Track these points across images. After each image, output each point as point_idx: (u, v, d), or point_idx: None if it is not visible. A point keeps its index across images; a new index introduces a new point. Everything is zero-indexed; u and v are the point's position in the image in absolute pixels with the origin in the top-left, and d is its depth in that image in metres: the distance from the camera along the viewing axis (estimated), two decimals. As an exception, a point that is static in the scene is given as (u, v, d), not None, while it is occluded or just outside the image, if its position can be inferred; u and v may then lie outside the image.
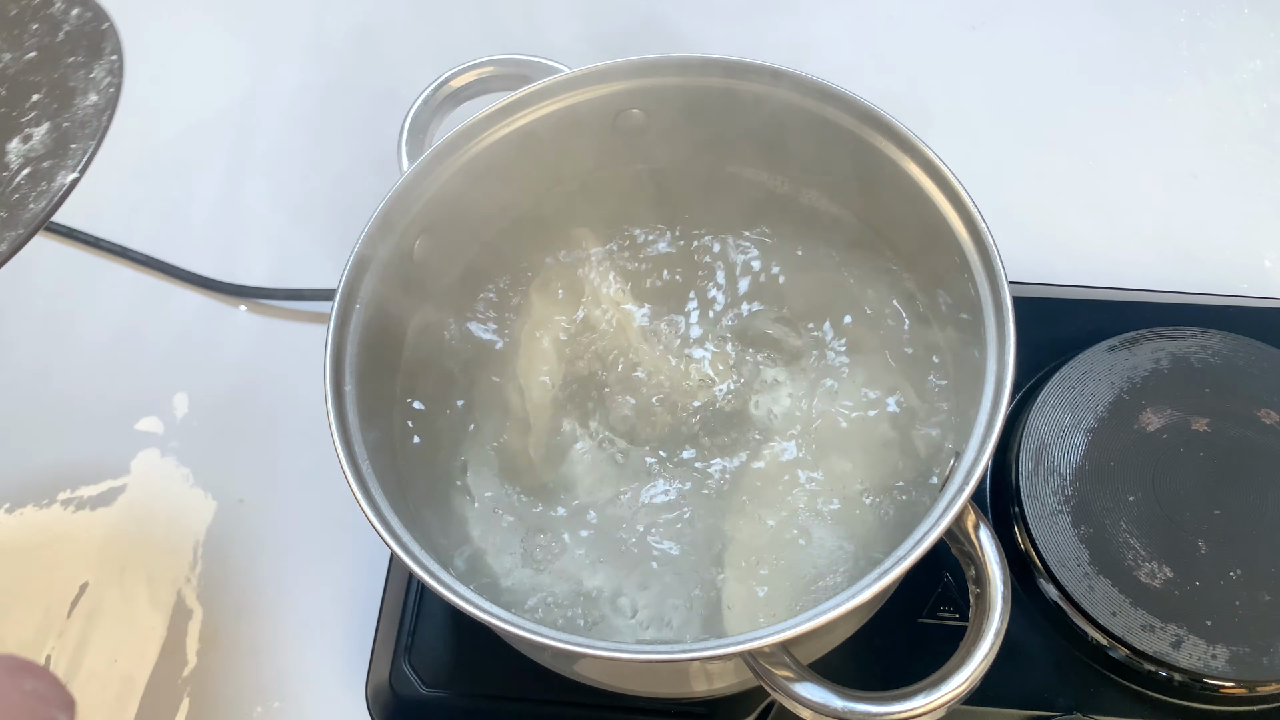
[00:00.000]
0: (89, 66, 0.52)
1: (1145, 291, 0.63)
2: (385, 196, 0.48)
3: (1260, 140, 0.73)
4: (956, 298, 0.47)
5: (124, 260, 0.73)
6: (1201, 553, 0.51)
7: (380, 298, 0.48)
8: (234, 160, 0.78)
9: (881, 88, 0.51)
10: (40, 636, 0.61)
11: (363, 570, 0.60)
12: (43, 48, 0.52)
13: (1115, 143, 0.73)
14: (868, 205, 0.53)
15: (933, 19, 0.80)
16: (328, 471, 0.43)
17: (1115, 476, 0.53)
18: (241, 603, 0.61)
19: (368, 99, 0.80)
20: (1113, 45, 0.78)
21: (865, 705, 0.37)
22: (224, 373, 0.69)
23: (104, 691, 0.59)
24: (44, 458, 0.66)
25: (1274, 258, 0.68)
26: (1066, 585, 0.50)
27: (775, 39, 0.80)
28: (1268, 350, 0.56)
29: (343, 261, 0.46)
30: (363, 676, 0.55)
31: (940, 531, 0.38)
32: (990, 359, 0.43)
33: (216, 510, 0.64)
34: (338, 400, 0.44)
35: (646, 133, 0.54)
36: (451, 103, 0.54)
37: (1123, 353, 0.57)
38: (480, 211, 0.54)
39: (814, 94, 0.49)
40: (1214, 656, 0.48)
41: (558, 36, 0.81)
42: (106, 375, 0.69)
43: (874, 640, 0.51)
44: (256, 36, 0.84)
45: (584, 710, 0.52)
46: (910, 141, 0.47)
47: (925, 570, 0.52)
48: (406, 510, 0.47)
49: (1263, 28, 0.78)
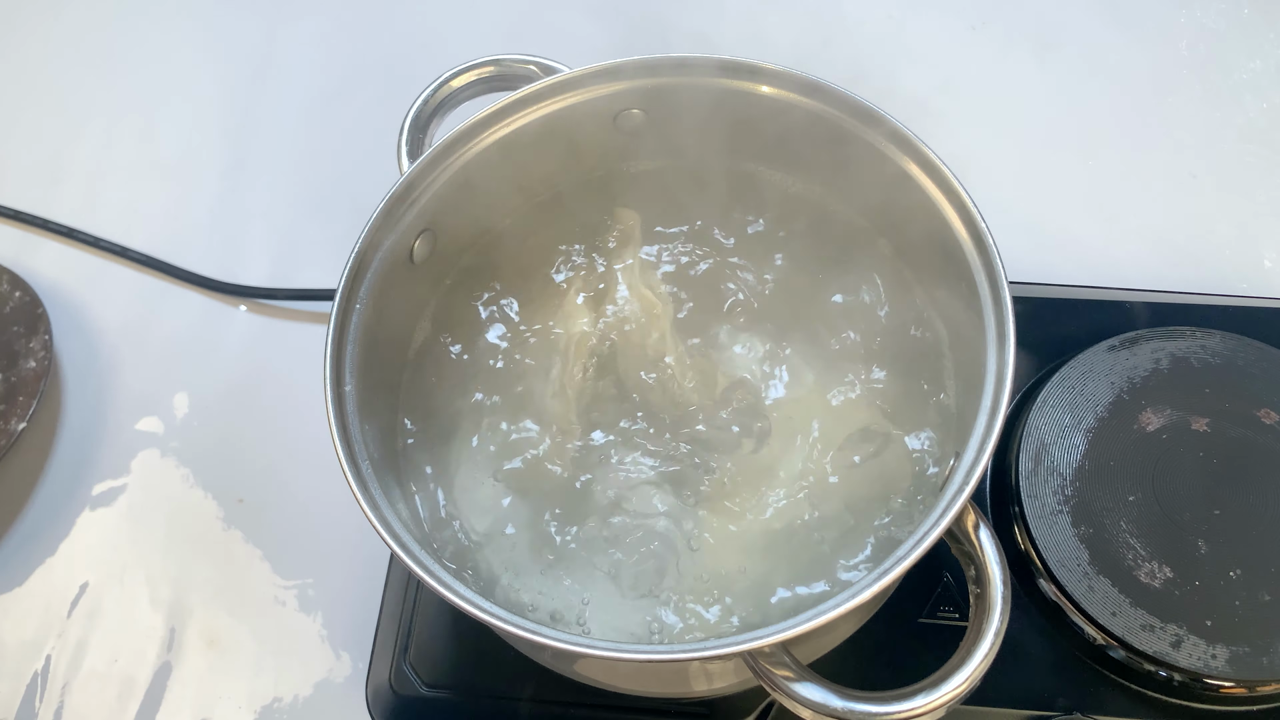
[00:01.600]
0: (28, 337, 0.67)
1: (1145, 291, 0.63)
2: (385, 196, 0.48)
3: (1260, 140, 0.73)
4: (956, 297, 0.47)
5: (124, 260, 0.73)
6: (1201, 553, 0.51)
7: (380, 298, 0.48)
8: (234, 160, 0.78)
9: (882, 87, 0.51)
10: (40, 636, 0.61)
11: (363, 570, 0.60)
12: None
13: (1115, 143, 0.73)
14: (867, 204, 0.53)
15: (933, 19, 0.80)
16: (328, 471, 0.43)
17: (1115, 476, 0.53)
18: (241, 602, 0.61)
19: (368, 99, 0.80)
20: (1112, 45, 0.78)
21: (865, 705, 0.37)
22: (224, 373, 0.69)
23: (104, 691, 0.59)
24: (46, 457, 0.66)
25: (1274, 258, 0.68)
26: (1066, 585, 0.50)
27: (775, 38, 0.80)
28: (1268, 350, 0.56)
29: (343, 261, 0.46)
30: (363, 676, 0.55)
31: (940, 531, 0.38)
32: (990, 359, 0.43)
33: (216, 510, 0.64)
34: (338, 400, 0.44)
35: (646, 133, 0.54)
36: (451, 103, 0.54)
37: (1123, 353, 0.57)
38: (480, 211, 0.54)
39: (814, 94, 0.49)
40: (1214, 656, 0.48)
41: (558, 36, 0.81)
42: (107, 375, 0.69)
43: (874, 640, 0.51)
44: (256, 36, 0.84)
45: (584, 710, 0.52)
46: (910, 141, 0.47)
47: (925, 570, 0.52)
48: (406, 510, 0.47)
49: (1263, 28, 0.78)
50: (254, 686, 0.58)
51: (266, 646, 0.60)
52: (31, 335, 0.67)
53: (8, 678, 0.60)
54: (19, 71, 0.84)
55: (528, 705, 0.53)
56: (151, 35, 0.85)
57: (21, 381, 0.65)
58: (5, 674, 0.60)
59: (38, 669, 0.60)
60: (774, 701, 0.51)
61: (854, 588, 0.38)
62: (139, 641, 0.60)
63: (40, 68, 0.84)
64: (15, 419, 0.63)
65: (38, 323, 0.67)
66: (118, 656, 0.60)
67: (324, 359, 0.44)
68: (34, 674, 0.60)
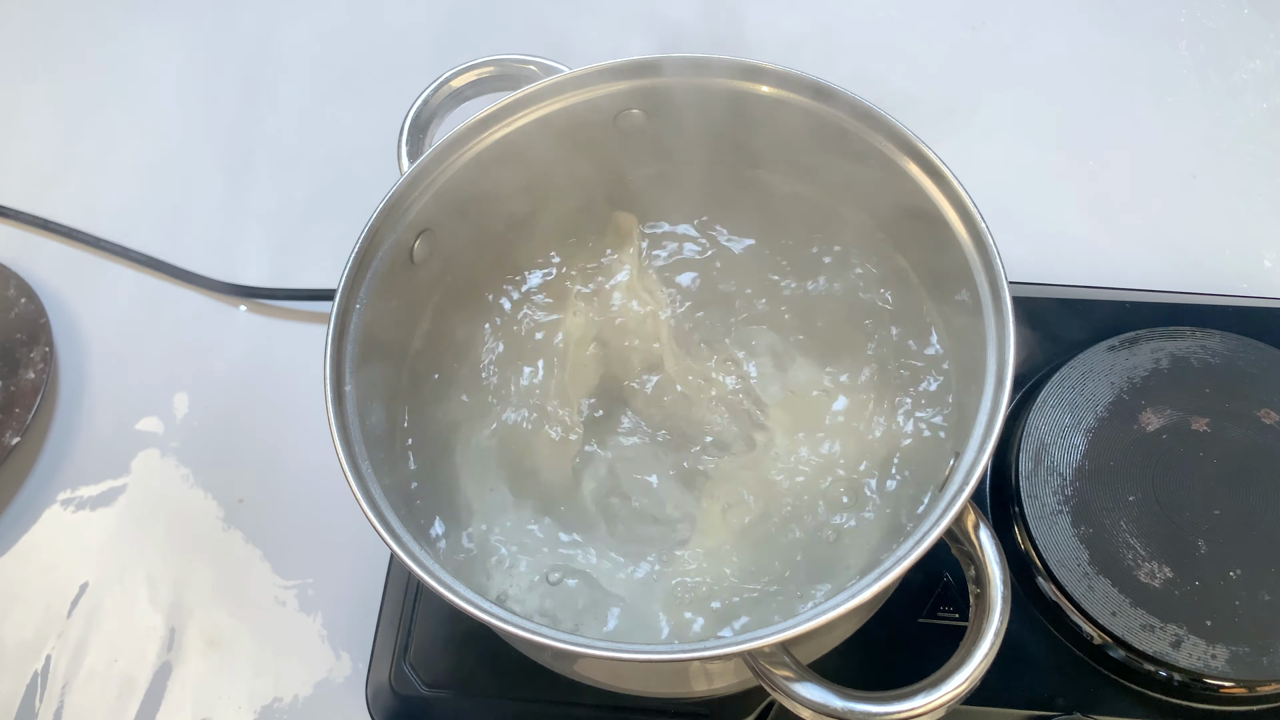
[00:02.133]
0: (30, 346, 0.67)
1: (1145, 291, 0.63)
2: (385, 196, 0.48)
3: (1260, 140, 0.73)
4: (956, 297, 0.47)
5: (124, 260, 0.73)
6: (1201, 552, 0.51)
7: (380, 298, 0.48)
8: (234, 160, 0.78)
9: (882, 88, 0.51)
10: (40, 636, 0.61)
11: (363, 570, 0.60)
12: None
13: (1115, 142, 0.73)
14: (867, 204, 0.53)
15: (933, 19, 0.80)
16: (328, 471, 0.43)
17: (1115, 476, 0.53)
18: (242, 602, 0.61)
19: (368, 99, 0.80)
20: (1113, 45, 0.78)
21: (865, 705, 0.37)
22: (224, 373, 0.69)
23: (104, 691, 0.59)
24: (45, 458, 0.66)
25: (1274, 258, 0.68)
26: (1066, 585, 0.50)
27: (775, 39, 0.80)
28: (1268, 350, 0.56)
29: (343, 261, 0.46)
30: (363, 676, 0.55)
31: (940, 531, 0.38)
32: (990, 359, 0.43)
33: (216, 510, 0.64)
34: (338, 400, 0.44)
35: (647, 133, 0.54)
36: (451, 103, 0.54)
37: (1123, 353, 0.57)
38: (480, 211, 0.54)
39: (814, 94, 0.49)
40: (1214, 656, 0.48)
41: (558, 36, 0.81)
42: (107, 375, 0.69)
43: (874, 640, 0.51)
44: (256, 36, 0.84)
45: (584, 710, 0.52)
46: (910, 141, 0.47)
47: (925, 570, 0.52)
48: (406, 510, 0.47)
49: (1263, 28, 0.78)
50: (254, 687, 0.58)
51: (266, 647, 0.60)
52: (33, 345, 0.67)
53: (8, 678, 0.60)
54: (19, 71, 0.84)
55: (528, 705, 0.53)
56: (152, 35, 0.85)
57: (20, 392, 0.65)
58: (5, 674, 0.60)
59: (38, 669, 0.60)
60: (774, 701, 0.51)
61: (854, 588, 0.38)
62: (139, 641, 0.60)
63: (40, 68, 0.84)
64: (10, 432, 0.64)
65: (39, 332, 0.67)
66: (118, 656, 0.60)
67: (324, 359, 0.44)
68: (34, 674, 0.60)
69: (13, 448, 0.63)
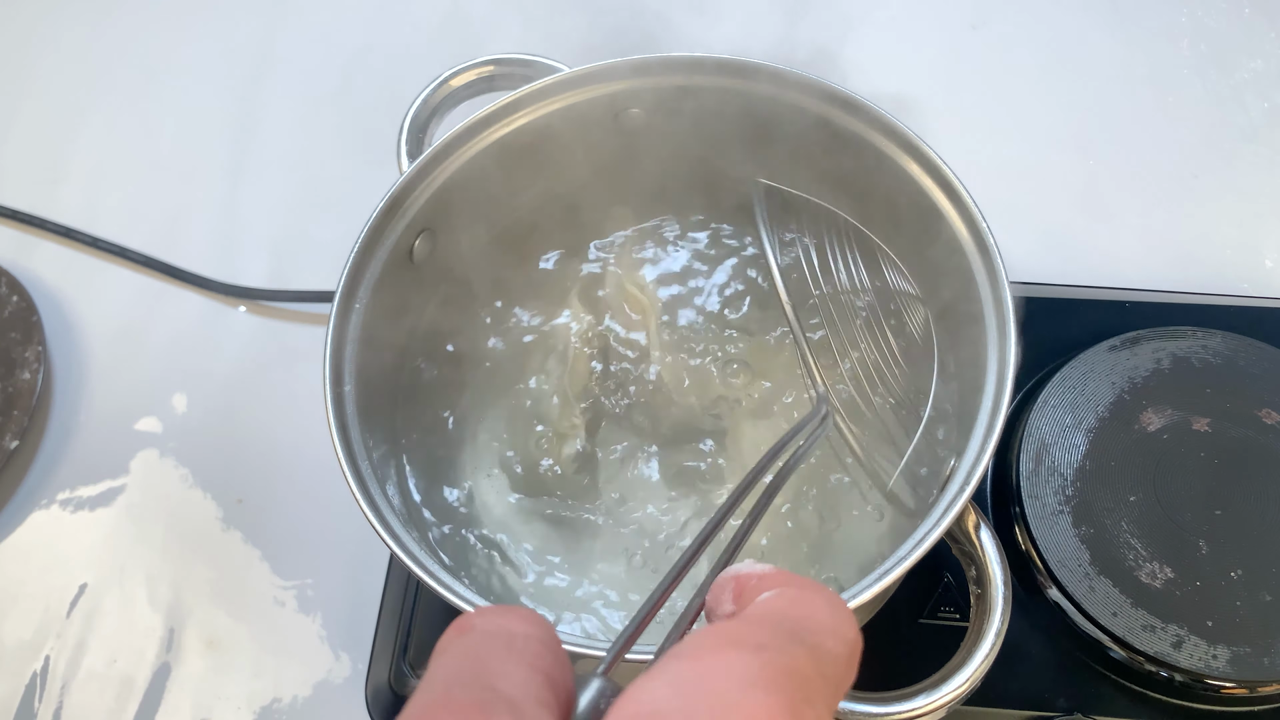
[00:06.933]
0: (24, 345, 0.66)
1: (1145, 291, 0.63)
2: (385, 196, 0.48)
3: (1260, 140, 0.73)
4: (956, 297, 0.47)
5: (124, 260, 0.73)
6: (1202, 553, 0.51)
7: (380, 298, 0.48)
8: (234, 160, 0.78)
9: (882, 87, 0.51)
10: (40, 636, 0.61)
11: (363, 570, 0.60)
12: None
13: (1115, 143, 0.73)
14: (868, 204, 0.53)
15: (933, 19, 0.80)
16: (328, 471, 0.43)
17: (1116, 476, 0.53)
18: (241, 603, 0.61)
19: (368, 98, 0.80)
20: (1113, 45, 0.78)
21: (865, 705, 0.37)
22: (224, 373, 0.68)
23: (104, 691, 0.59)
24: (44, 458, 0.66)
25: (1274, 258, 0.68)
26: (1067, 585, 0.50)
27: (774, 39, 0.80)
28: (1268, 350, 0.56)
29: (342, 261, 0.46)
30: (362, 677, 0.55)
31: (941, 532, 0.38)
32: (991, 359, 0.43)
33: (216, 510, 0.64)
34: (337, 400, 0.44)
35: (647, 132, 0.54)
36: (451, 103, 0.54)
37: (1123, 353, 0.57)
38: (480, 211, 0.54)
39: (814, 94, 0.49)
40: (1215, 657, 0.48)
41: (558, 36, 0.81)
42: (106, 375, 0.69)
43: (874, 640, 0.51)
44: (256, 35, 0.84)
45: (584, 710, 0.52)
46: (910, 141, 0.47)
47: (926, 570, 0.52)
48: (406, 510, 0.47)
49: (1263, 28, 0.78)
50: (253, 687, 0.58)
51: (266, 647, 0.59)
52: (27, 344, 0.66)
53: (7, 678, 0.60)
54: (18, 71, 0.83)
55: (528, 706, 0.52)
56: (151, 35, 0.84)
57: (17, 393, 0.64)
58: (4, 674, 0.60)
59: (37, 669, 0.60)
60: (774, 702, 0.51)
61: (854, 588, 0.37)
62: (138, 642, 0.60)
63: (39, 67, 0.84)
64: (9, 435, 0.63)
65: (32, 330, 0.67)
66: (117, 657, 0.60)
67: (324, 359, 0.44)
68: (33, 674, 0.60)
69: (12, 452, 0.63)
